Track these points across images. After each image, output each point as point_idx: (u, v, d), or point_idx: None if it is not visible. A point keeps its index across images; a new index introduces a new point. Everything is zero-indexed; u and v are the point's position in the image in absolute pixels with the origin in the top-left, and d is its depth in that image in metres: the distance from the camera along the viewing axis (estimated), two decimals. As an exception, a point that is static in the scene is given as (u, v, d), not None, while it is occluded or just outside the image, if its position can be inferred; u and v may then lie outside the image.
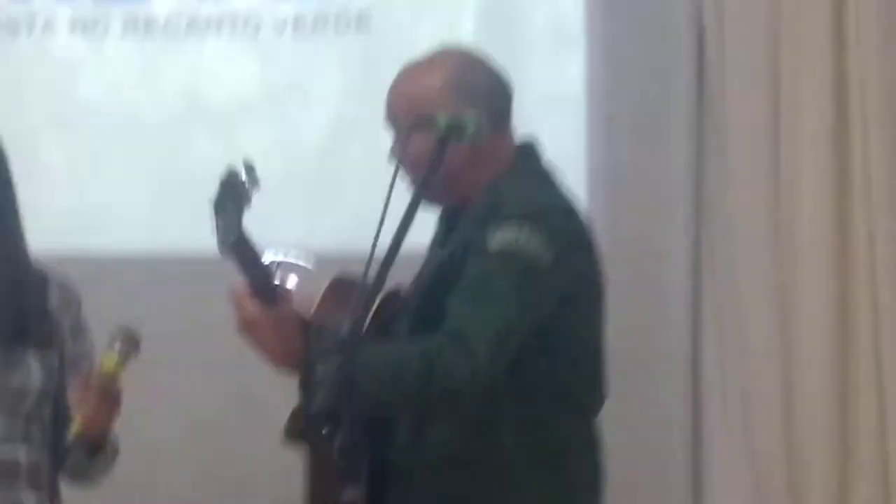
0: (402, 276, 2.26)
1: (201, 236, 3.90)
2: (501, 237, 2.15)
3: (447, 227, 2.34)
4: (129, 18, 3.82)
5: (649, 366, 3.53)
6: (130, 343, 2.48)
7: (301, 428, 2.30)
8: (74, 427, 2.43)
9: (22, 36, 3.83)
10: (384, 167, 2.17)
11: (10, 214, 2.55)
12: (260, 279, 2.27)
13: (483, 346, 2.08)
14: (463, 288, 2.14)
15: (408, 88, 2.36)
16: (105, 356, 2.45)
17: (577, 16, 3.59)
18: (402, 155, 2.26)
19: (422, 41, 3.52)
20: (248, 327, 2.24)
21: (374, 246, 2.01)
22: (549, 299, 2.15)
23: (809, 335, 3.23)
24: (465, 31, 3.64)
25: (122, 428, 2.54)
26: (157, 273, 3.67)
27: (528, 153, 2.36)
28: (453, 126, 2.18)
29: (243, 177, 2.24)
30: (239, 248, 2.22)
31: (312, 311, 2.32)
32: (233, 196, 2.26)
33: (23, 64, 3.84)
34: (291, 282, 2.30)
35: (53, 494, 2.60)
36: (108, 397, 2.45)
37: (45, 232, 3.58)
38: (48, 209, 3.68)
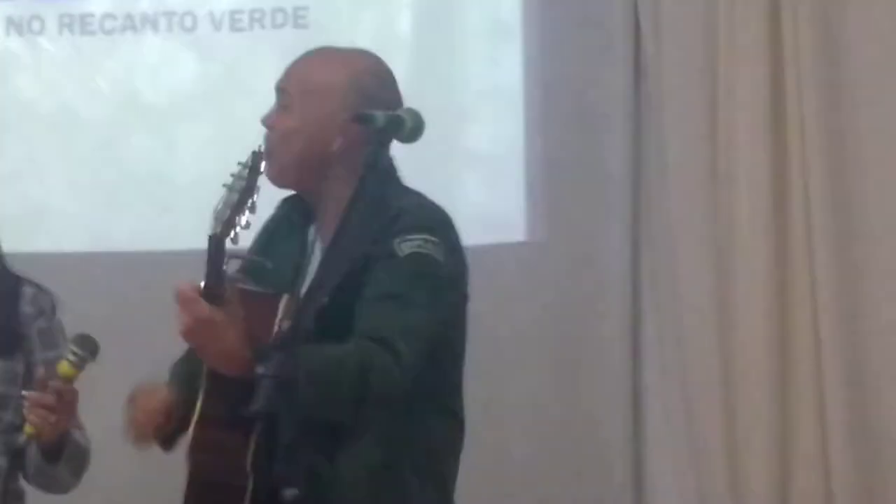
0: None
1: (141, 232, 3.89)
2: (410, 245, 2.22)
3: (301, 219, 2.42)
4: (65, 15, 3.77)
5: (589, 366, 3.56)
6: (87, 348, 2.49)
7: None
8: (26, 429, 2.46)
9: None
10: None
11: None
12: (216, 280, 2.26)
13: (407, 348, 2.16)
14: (378, 293, 2.20)
15: (311, 74, 2.42)
16: (62, 362, 2.47)
17: (514, 11, 3.60)
18: (278, 126, 2.36)
19: (359, 37, 3.51)
20: (197, 328, 2.22)
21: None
22: (451, 306, 2.28)
23: (749, 334, 3.32)
24: (402, 25, 3.66)
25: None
26: (99, 271, 3.65)
27: (389, 163, 2.41)
28: (392, 121, 2.21)
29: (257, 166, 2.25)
30: (219, 241, 2.21)
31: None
32: (246, 184, 2.25)
33: None
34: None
35: (13, 498, 2.61)
36: (62, 401, 2.45)
37: None
38: None
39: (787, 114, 3.33)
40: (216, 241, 2.22)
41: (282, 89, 2.46)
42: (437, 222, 2.29)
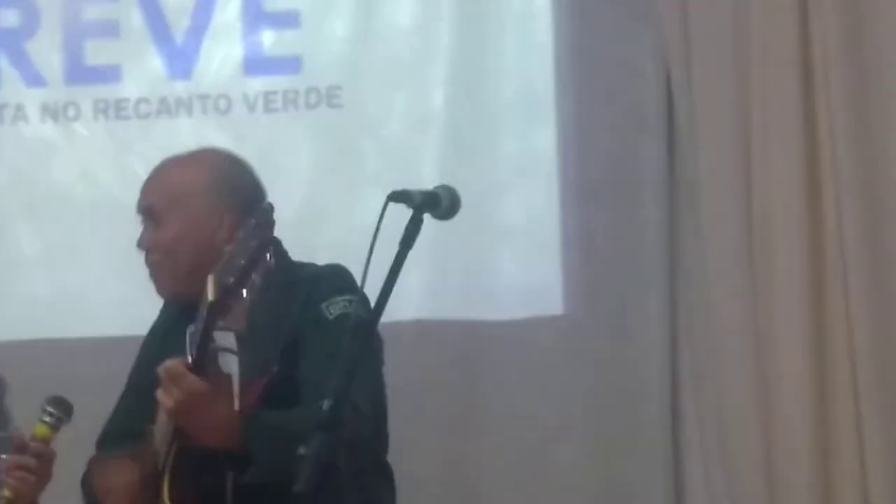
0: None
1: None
2: (337, 308, 2.34)
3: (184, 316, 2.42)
4: (100, 100, 3.79)
5: (628, 443, 3.52)
6: (61, 410, 2.54)
7: None
8: (4, 493, 2.49)
9: None
10: (357, 242, 2.20)
11: None
12: (204, 355, 2.27)
13: (369, 406, 2.29)
14: (324, 356, 2.28)
15: (171, 182, 2.53)
16: (37, 424, 2.52)
17: (548, 83, 3.61)
18: (157, 242, 2.46)
19: (393, 115, 3.65)
20: (189, 402, 2.23)
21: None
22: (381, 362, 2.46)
23: (788, 399, 3.28)
24: (436, 101, 3.69)
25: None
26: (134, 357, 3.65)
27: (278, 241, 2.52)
28: (428, 199, 2.26)
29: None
30: (217, 307, 2.21)
31: None
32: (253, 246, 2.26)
33: None
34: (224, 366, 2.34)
35: None
36: (41, 462, 2.49)
37: (22, 320, 3.61)
38: (23, 297, 3.71)
39: (822, 172, 3.33)
40: (213, 308, 2.22)
41: (146, 208, 2.55)
42: (350, 282, 2.36)
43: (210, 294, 2.21)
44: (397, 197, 2.25)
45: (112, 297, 3.71)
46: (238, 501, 2.36)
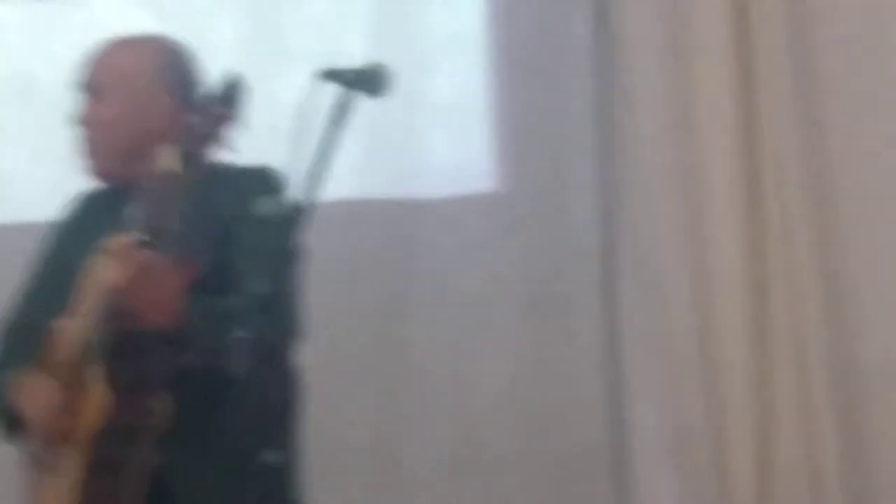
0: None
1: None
2: (266, 207, 2.30)
3: (108, 210, 2.47)
4: None
5: (561, 317, 3.53)
6: None
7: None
8: None
9: None
10: (282, 123, 2.20)
11: None
12: (161, 223, 2.28)
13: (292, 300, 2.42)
14: (253, 250, 2.32)
15: (119, 61, 2.52)
16: None
17: None
18: (97, 118, 2.46)
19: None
20: (140, 276, 2.23)
21: None
22: None
23: (725, 281, 3.33)
24: None
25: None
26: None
27: None
28: (362, 76, 2.25)
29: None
30: (178, 179, 2.26)
31: None
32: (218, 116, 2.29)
33: None
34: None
35: None
36: None
37: None
38: None
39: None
40: (177, 180, 2.26)
41: (90, 82, 2.54)
42: (277, 181, 2.42)
43: (173, 164, 2.22)
44: (328, 75, 2.23)
45: (38, 180, 3.63)
46: (175, 385, 2.36)
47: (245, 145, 2.42)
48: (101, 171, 2.56)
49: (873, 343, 3.47)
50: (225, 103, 2.34)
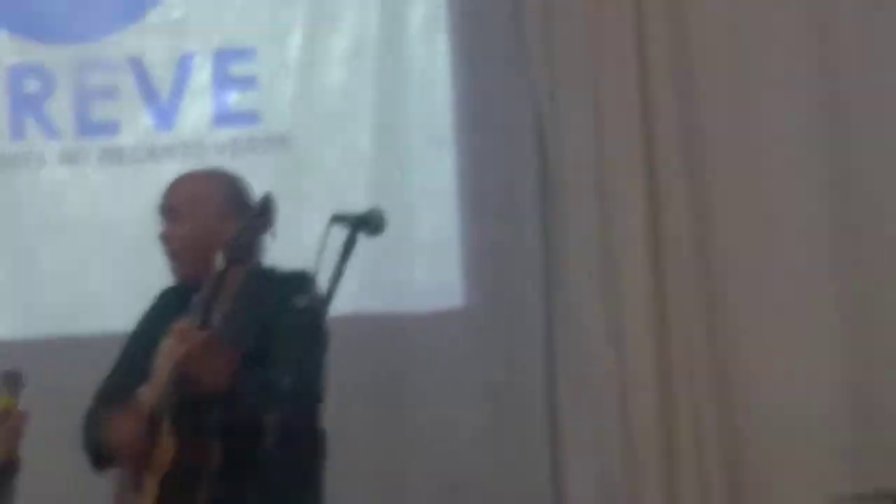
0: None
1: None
2: (302, 301, 2.67)
3: (179, 304, 2.83)
4: (104, 149, 4.30)
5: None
6: (12, 380, 2.81)
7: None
8: None
9: (20, 168, 4.31)
10: (303, 256, 2.65)
11: None
12: (209, 316, 2.67)
13: (318, 381, 2.81)
14: (290, 339, 2.66)
15: (191, 189, 2.92)
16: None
17: (447, 131, 4.18)
18: (174, 235, 2.87)
19: (331, 154, 4.22)
20: (197, 351, 2.64)
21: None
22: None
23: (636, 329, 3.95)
24: (363, 145, 4.22)
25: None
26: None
27: None
28: (365, 219, 2.62)
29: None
30: (225, 274, 2.68)
31: None
32: (257, 225, 2.68)
33: (21, 190, 4.30)
34: None
35: None
36: (8, 428, 2.76)
37: (42, 322, 4.12)
38: (46, 304, 4.17)
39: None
40: (221, 274, 2.63)
41: (168, 207, 2.94)
42: (313, 283, 2.67)
43: (219, 264, 2.60)
44: (337, 218, 2.62)
45: (115, 302, 4.08)
46: (223, 435, 2.77)
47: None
48: (181, 275, 2.96)
49: (757, 413, 4.03)
50: (262, 216, 2.68)
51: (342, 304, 2.70)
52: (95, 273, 4.24)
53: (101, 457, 3.00)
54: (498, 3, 4.20)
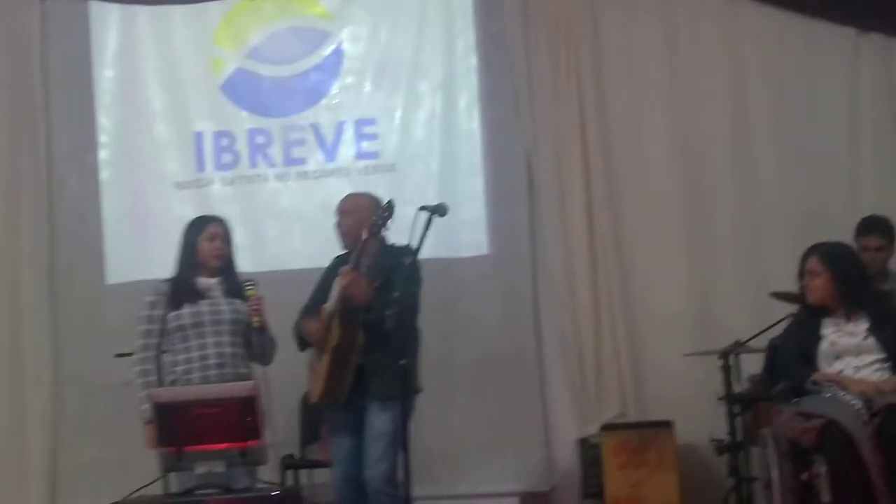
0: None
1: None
2: (408, 258, 3.87)
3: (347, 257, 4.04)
4: (300, 172, 6.27)
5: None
6: (252, 280, 4.33)
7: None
8: (254, 319, 4.28)
9: (255, 184, 6.22)
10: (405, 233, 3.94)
11: None
12: (358, 265, 3.97)
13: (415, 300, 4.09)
14: (403, 277, 3.81)
15: (357, 201, 4.35)
16: (247, 290, 4.38)
17: (477, 161, 6.13)
18: (344, 224, 4.22)
19: (417, 173, 6.15)
20: (355, 282, 4.00)
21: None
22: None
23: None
24: (433, 168, 6.10)
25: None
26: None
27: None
28: (439, 208, 3.85)
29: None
30: (365, 244, 4.05)
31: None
32: (384, 218, 4.00)
33: (255, 196, 6.21)
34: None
35: (244, 378, 4.34)
36: (257, 302, 4.31)
37: (266, 261, 5.77)
38: (267, 254, 5.88)
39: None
40: (365, 242, 3.95)
41: (341, 210, 4.35)
42: (413, 250, 3.83)
43: (364, 237, 4.01)
44: (422, 209, 3.87)
45: (306, 255, 5.88)
46: (364, 326, 4.14)
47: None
48: (344, 245, 4.39)
49: (643, 305, 5.99)
50: (387, 212, 3.97)
51: (424, 253, 4.00)
52: (296, 239, 6.23)
53: (303, 342, 4.43)
54: (506, 95, 6.16)
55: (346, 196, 4.65)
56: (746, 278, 5.98)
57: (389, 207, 4.12)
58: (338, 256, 4.54)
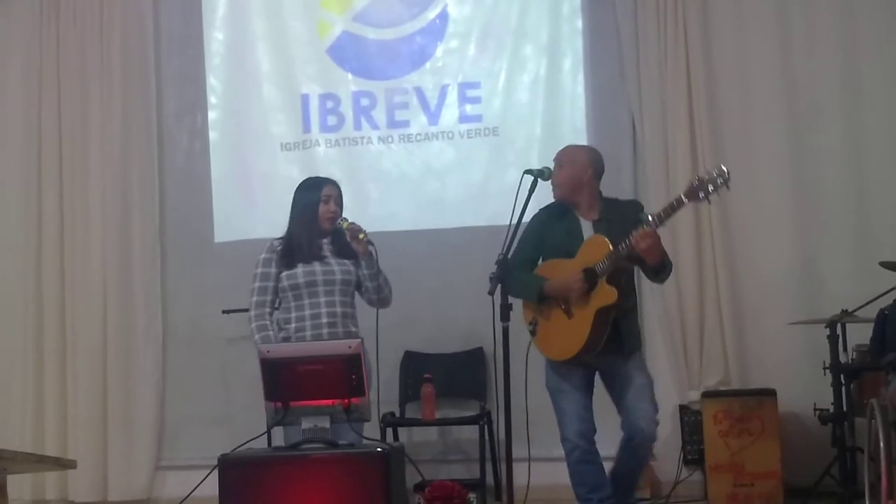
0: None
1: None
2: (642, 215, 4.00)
3: (562, 213, 4.17)
4: (403, 135, 6.20)
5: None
6: (354, 226, 4.36)
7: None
8: (361, 235, 4.32)
9: (358, 146, 6.22)
10: (508, 198, 4.02)
11: None
12: (657, 227, 4.04)
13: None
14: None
15: (573, 153, 4.33)
16: (344, 222, 4.41)
17: (581, 130, 5.96)
18: (560, 175, 4.20)
19: (520, 138, 6.08)
20: (656, 241, 4.01)
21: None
22: None
23: None
24: (536, 132, 6.00)
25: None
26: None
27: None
28: (541, 171, 4.02)
29: None
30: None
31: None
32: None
33: (359, 157, 6.20)
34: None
35: (351, 320, 4.48)
36: (356, 228, 4.34)
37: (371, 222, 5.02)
38: (367, 215, 5.53)
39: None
40: (676, 203, 3.92)
41: (557, 160, 4.29)
42: (639, 204, 4.17)
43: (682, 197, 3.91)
44: (527, 172, 4.05)
45: (402, 212, 6.09)
46: (623, 286, 4.23)
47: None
48: (559, 197, 4.28)
49: (747, 267, 5.84)
50: (721, 178, 3.91)
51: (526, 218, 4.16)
52: (397, 201, 6.27)
53: (542, 297, 4.31)
54: (612, 58, 6.08)
55: (564, 147, 4.58)
56: (855, 246, 5.84)
57: (726, 177, 4.06)
58: (545, 207, 4.49)
